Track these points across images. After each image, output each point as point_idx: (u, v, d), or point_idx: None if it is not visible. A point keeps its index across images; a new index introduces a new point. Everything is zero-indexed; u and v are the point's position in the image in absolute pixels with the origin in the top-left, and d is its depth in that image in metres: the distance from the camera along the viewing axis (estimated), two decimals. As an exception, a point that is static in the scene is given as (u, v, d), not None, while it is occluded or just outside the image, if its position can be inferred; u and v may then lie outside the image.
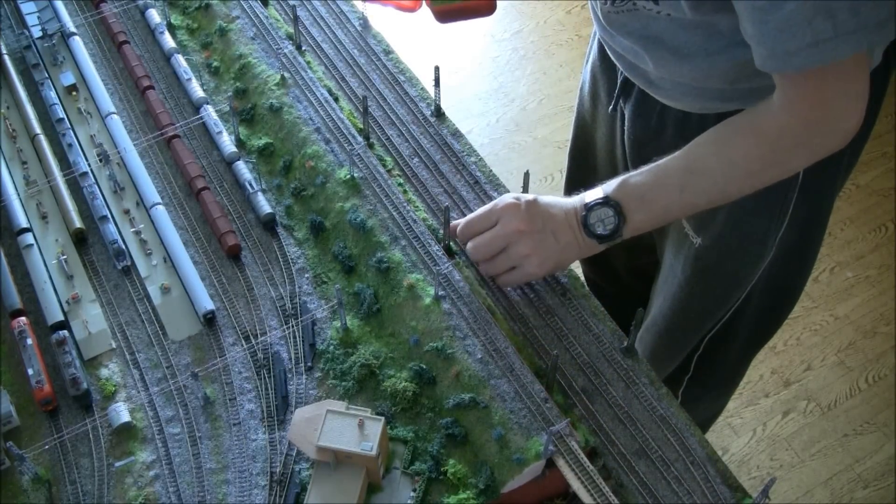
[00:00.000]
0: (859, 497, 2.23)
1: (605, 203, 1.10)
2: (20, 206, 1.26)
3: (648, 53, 1.18)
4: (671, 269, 1.47)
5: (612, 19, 1.18)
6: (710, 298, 1.46)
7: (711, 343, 1.55)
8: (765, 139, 1.04)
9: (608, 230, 1.11)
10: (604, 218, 1.10)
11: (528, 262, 1.13)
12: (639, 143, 1.37)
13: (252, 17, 1.48)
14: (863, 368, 2.46)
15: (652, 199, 1.11)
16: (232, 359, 1.13)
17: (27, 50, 1.46)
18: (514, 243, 1.13)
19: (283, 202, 1.29)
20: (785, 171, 1.10)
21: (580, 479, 0.95)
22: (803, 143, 1.04)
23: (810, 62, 0.94)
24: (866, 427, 2.35)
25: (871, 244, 2.72)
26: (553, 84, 3.19)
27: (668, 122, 1.30)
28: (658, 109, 1.30)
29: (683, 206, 1.13)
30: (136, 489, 1.02)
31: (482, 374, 1.05)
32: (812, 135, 1.03)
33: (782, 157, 1.06)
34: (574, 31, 3.35)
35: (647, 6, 1.09)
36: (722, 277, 1.41)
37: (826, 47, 0.92)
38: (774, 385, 2.45)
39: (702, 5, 1.03)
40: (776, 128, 1.03)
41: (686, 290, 1.45)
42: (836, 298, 2.61)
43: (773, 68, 0.98)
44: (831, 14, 0.90)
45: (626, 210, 1.10)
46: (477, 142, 2.91)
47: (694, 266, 1.41)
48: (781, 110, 1.02)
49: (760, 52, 0.97)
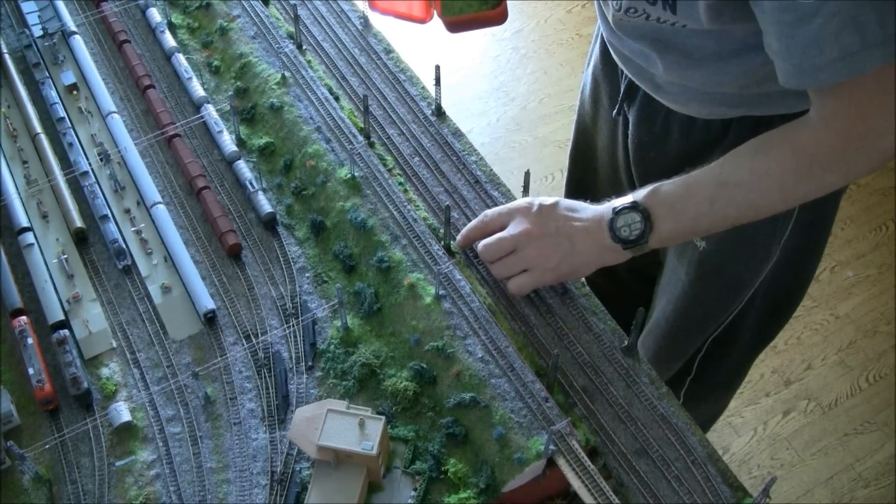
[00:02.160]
0: (860, 496, 2.23)
1: (633, 208, 1.08)
2: (21, 206, 1.26)
3: (660, 57, 1.17)
4: (674, 271, 1.47)
5: (624, 24, 1.18)
6: (714, 301, 1.46)
7: (714, 345, 1.54)
8: (801, 152, 1.02)
9: (634, 235, 1.08)
10: (630, 223, 1.08)
11: (539, 266, 1.12)
12: (642, 147, 1.37)
13: (253, 17, 1.48)
14: (863, 368, 2.46)
15: (682, 209, 1.08)
16: (232, 358, 1.13)
17: (28, 49, 1.46)
18: (523, 246, 1.12)
19: (284, 201, 1.29)
20: (819, 188, 1.06)
21: (581, 478, 0.95)
22: (840, 159, 1.01)
23: (837, 76, 0.93)
24: (867, 426, 2.35)
25: (871, 243, 2.72)
26: (554, 83, 3.19)
27: (673, 127, 1.29)
28: (663, 114, 1.29)
29: (713, 218, 1.09)
30: (136, 488, 1.02)
31: (483, 373, 1.05)
32: (849, 150, 1.00)
33: (817, 171, 1.03)
34: (574, 31, 3.35)
35: (664, 18, 1.08)
36: (725, 281, 1.41)
37: (854, 60, 0.91)
38: (775, 384, 2.45)
39: (720, 17, 1.02)
40: (813, 141, 1.01)
41: (689, 293, 1.44)
42: (836, 298, 2.61)
43: (799, 84, 0.96)
44: (859, 27, 0.89)
45: (655, 217, 1.08)
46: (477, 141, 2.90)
47: (698, 269, 1.40)
48: (818, 124, 1.00)
49: (786, 67, 0.96)
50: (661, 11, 1.07)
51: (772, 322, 1.56)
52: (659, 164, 1.33)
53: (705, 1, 1.01)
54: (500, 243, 1.14)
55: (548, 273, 1.12)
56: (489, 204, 1.26)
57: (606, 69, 1.42)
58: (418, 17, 0.99)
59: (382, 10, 1.01)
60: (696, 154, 1.27)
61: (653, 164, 1.36)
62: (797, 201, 1.11)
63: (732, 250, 1.34)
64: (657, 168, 1.31)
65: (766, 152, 1.04)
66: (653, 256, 1.57)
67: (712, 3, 1.00)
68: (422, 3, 1.00)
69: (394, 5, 1.01)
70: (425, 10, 0.99)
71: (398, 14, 1.02)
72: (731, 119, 1.23)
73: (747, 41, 1.06)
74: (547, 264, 1.11)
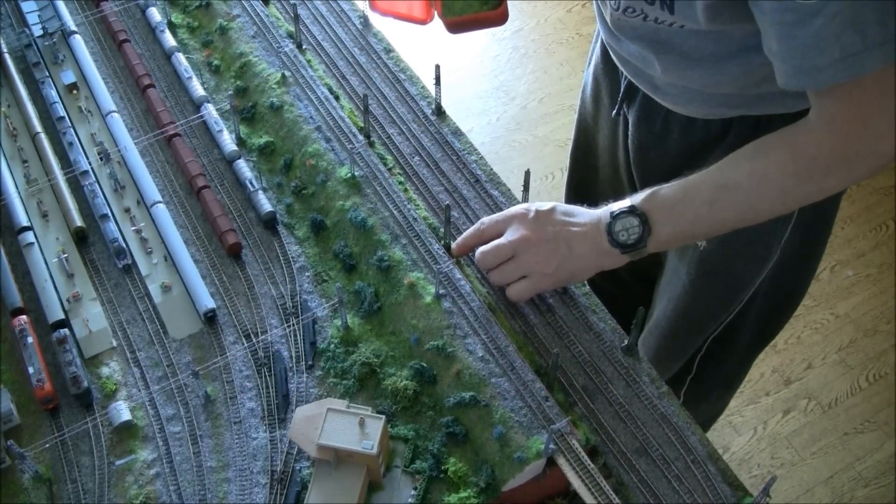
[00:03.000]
0: (860, 495, 2.23)
1: (631, 212, 1.08)
2: (21, 205, 1.26)
3: (658, 58, 1.17)
4: (675, 271, 1.47)
5: (622, 24, 1.17)
6: (714, 301, 1.45)
7: (714, 344, 1.54)
8: (801, 155, 1.01)
9: (633, 239, 1.08)
10: (629, 227, 1.08)
11: (537, 272, 1.11)
12: (642, 147, 1.37)
13: (252, 16, 1.48)
14: (863, 367, 2.46)
15: (680, 213, 1.08)
16: (232, 357, 1.13)
17: (28, 48, 1.46)
18: (521, 252, 1.11)
19: (284, 200, 1.29)
20: (818, 191, 1.05)
21: (581, 477, 0.95)
22: (840, 162, 1.00)
23: (838, 77, 0.92)
24: (867, 425, 2.35)
25: (871, 242, 2.72)
26: (554, 82, 3.19)
27: (673, 128, 1.29)
28: (663, 114, 1.29)
29: (712, 221, 1.09)
30: (136, 487, 1.02)
31: (483, 372, 1.05)
32: (849, 153, 0.99)
33: (817, 174, 1.02)
34: (574, 30, 3.35)
35: (661, 18, 1.08)
36: (726, 280, 1.41)
37: (855, 61, 0.90)
38: (775, 383, 2.45)
39: (719, 17, 1.02)
40: (813, 143, 1.00)
41: (690, 292, 1.44)
42: (836, 297, 2.61)
43: (798, 85, 0.96)
44: (861, 28, 0.89)
45: (653, 221, 1.08)
46: (477, 140, 2.90)
47: (698, 269, 1.40)
48: (818, 126, 1.00)
49: (785, 69, 0.95)
50: (658, 11, 1.07)
51: (772, 321, 1.56)
52: (659, 165, 1.33)
53: (703, 1, 1.00)
54: (497, 250, 1.13)
55: (546, 278, 1.12)
56: (489, 203, 1.26)
57: (607, 69, 1.42)
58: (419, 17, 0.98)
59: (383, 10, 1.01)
60: (696, 154, 1.27)
61: (653, 165, 1.36)
62: (797, 204, 1.10)
63: (733, 250, 1.34)
64: (657, 168, 1.31)
65: (765, 155, 1.04)
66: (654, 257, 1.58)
67: (710, 3, 1.00)
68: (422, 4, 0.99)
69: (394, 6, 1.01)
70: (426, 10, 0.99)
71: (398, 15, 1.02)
72: (731, 119, 1.23)
73: (746, 42, 1.06)
74: (545, 270, 1.11)
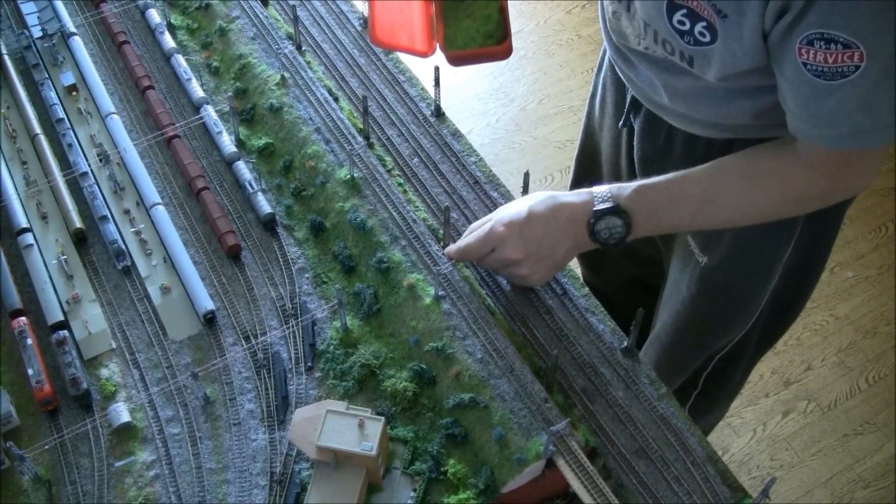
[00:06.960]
0: (859, 497, 2.23)
1: (615, 213, 1.10)
2: (20, 206, 1.26)
3: (666, 89, 1.18)
4: (676, 284, 1.47)
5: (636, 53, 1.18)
6: (715, 317, 1.46)
7: (720, 362, 1.55)
8: (790, 190, 1.09)
9: (615, 239, 1.11)
10: (611, 227, 1.10)
11: (527, 279, 1.15)
12: (646, 159, 1.37)
13: (252, 17, 1.48)
14: (863, 368, 2.46)
15: (663, 218, 1.12)
16: (232, 359, 1.13)
17: (27, 50, 1.46)
18: (511, 266, 1.14)
19: (283, 202, 1.29)
20: (797, 213, 1.20)
21: (580, 479, 0.95)
22: (823, 196, 1.11)
23: (845, 146, 0.99)
24: (866, 427, 2.35)
25: (871, 244, 2.72)
26: (553, 84, 3.19)
27: (677, 142, 1.30)
28: (666, 129, 1.30)
29: (692, 227, 1.22)
30: (136, 489, 1.02)
31: (482, 374, 1.05)
32: (833, 189, 1.10)
33: (802, 205, 1.14)
34: (574, 31, 3.35)
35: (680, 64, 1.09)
36: (727, 298, 1.41)
37: (863, 137, 0.97)
38: (774, 385, 2.45)
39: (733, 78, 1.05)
40: (803, 181, 1.08)
41: (691, 307, 1.45)
42: (836, 298, 2.60)
43: (807, 139, 1.02)
44: (872, 111, 0.95)
45: (635, 223, 1.10)
46: (477, 142, 2.90)
47: (699, 285, 1.41)
48: (809, 165, 1.06)
49: (797, 123, 1.01)
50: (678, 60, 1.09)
51: (774, 331, 1.57)
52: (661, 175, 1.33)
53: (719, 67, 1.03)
54: (490, 265, 1.17)
55: (536, 283, 1.17)
56: (488, 204, 1.26)
57: (613, 78, 1.42)
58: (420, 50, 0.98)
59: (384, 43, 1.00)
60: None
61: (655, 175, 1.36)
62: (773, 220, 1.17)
63: (734, 268, 1.35)
64: None
65: (755, 181, 1.09)
66: (658, 269, 1.58)
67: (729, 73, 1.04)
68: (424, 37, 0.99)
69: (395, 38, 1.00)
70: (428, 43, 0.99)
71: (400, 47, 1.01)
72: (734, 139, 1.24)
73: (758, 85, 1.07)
74: (535, 277, 1.15)
